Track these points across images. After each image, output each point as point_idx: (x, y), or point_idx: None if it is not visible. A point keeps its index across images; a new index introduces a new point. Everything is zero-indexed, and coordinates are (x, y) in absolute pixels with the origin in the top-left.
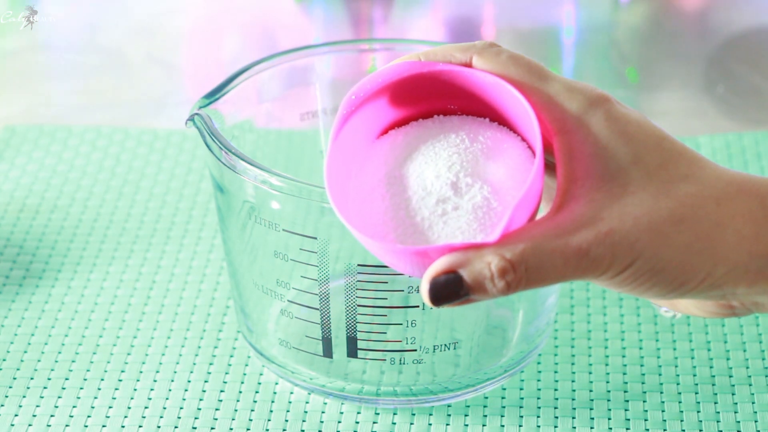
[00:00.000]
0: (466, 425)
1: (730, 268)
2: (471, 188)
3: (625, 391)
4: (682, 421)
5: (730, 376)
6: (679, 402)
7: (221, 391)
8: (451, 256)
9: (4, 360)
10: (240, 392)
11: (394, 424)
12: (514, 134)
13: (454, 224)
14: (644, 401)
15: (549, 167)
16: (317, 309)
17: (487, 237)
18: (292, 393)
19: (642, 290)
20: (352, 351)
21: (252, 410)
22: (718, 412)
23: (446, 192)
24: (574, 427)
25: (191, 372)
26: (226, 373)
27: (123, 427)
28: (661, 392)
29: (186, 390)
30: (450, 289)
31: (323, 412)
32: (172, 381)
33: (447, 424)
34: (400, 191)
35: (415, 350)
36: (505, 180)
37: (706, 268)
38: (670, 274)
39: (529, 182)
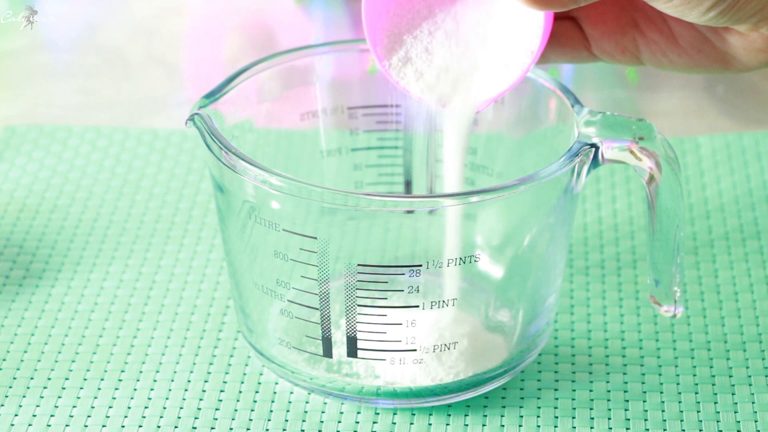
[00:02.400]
0: (466, 425)
1: None
2: None
3: (625, 391)
4: (682, 421)
5: (730, 376)
6: (679, 402)
7: (221, 391)
8: None
9: (4, 360)
10: (240, 392)
11: (394, 424)
12: None
13: None
14: (644, 401)
15: None
16: (317, 309)
17: None
18: (292, 393)
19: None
20: (352, 351)
21: (252, 410)
22: (718, 412)
23: None
24: (574, 427)
25: (191, 372)
26: (226, 373)
27: (123, 427)
28: (661, 392)
29: (186, 390)
30: None
31: (323, 412)
32: (172, 381)
33: (447, 424)
34: None
35: (415, 350)
36: None
37: None
38: None
39: None
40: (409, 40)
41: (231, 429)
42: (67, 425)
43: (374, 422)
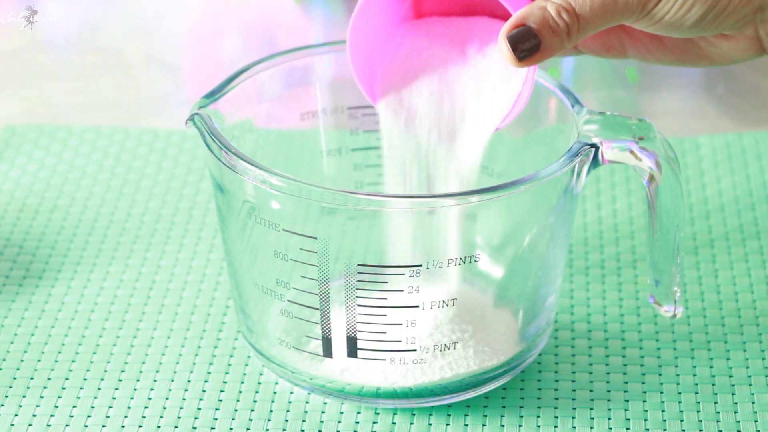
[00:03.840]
0: (466, 425)
1: None
2: None
3: (625, 391)
4: (682, 421)
5: (730, 376)
6: (679, 402)
7: (221, 391)
8: (516, 14)
9: (4, 360)
10: (240, 392)
11: (394, 424)
12: None
13: None
14: (644, 401)
15: None
16: (317, 309)
17: None
18: (292, 393)
19: (682, 14)
20: (352, 351)
21: (252, 410)
22: (718, 412)
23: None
24: (574, 427)
25: (191, 372)
26: (226, 373)
27: (123, 427)
28: (661, 392)
29: (186, 390)
30: (523, 36)
31: (323, 412)
32: (172, 381)
33: (447, 424)
34: None
35: (415, 350)
36: None
37: None
38: None
39: None
40: (403, 86)
41: (231, 429)
42: (67, 425)
43: (374, 422)
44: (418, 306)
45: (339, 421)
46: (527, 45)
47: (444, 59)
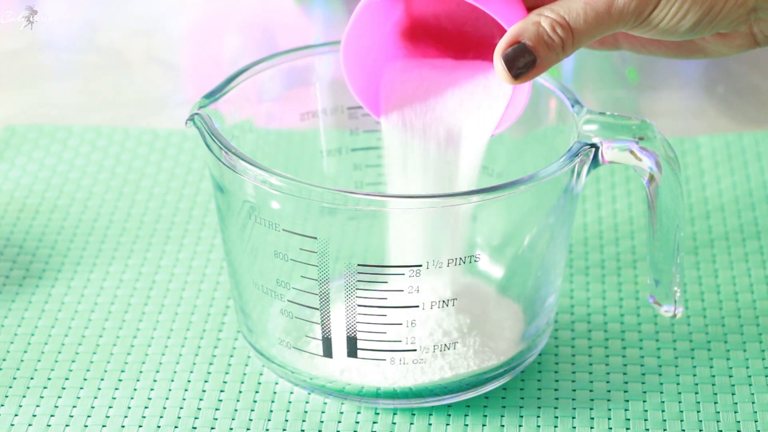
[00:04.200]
0: (466, 425)
1: None
2: None
3: (625, 391)
4: (682, 421)
5: (730, 376)
6: (679, 402)
7: (221, 391)
8: (510, 30)
9: (4, 360)
10: (240, 392)
11: (394, 424)
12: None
13: None
14: (644, 401)
15: None
16: (317, 309)
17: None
18: (292, 393)
19: (677, 20)
20: (352, 351)
21: (252, 410)
22: (718, 412)
23: None
24: (574, 427)
25: (191, 372)
26: (226, 373)
27: (123, 427)
28: (661, 392)
29: (186, 390)
30: (518, 54)
31: (323, 412)
32: (172, 381)
33: (447, 424)
34: None
35: (415, 350)
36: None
37: None
38: None
39: None
40: (404, 105)
41: (231, 429)
42: (67, 425)
43: (374, 422)
44: (418, 306)
45: (339, 421)
46: (522, 62)
47: (439, 81)
